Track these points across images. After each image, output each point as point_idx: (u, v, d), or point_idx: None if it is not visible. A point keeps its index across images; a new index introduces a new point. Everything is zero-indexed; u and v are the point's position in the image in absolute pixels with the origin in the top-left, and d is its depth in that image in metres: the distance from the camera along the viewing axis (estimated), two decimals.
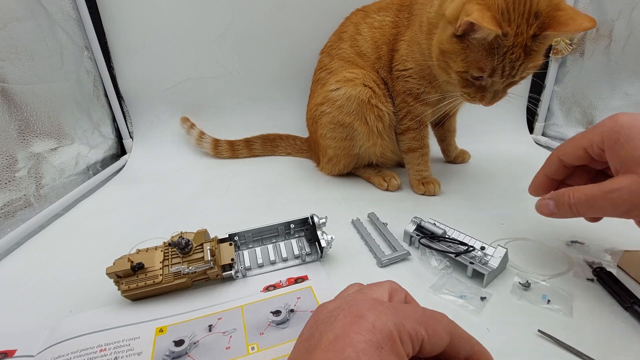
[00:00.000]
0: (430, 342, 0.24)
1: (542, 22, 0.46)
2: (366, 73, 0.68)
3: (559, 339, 0.36)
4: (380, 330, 0.22)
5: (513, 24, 0.46)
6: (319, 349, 0.22)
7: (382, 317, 0.23)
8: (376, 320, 0.23)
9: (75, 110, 0.80)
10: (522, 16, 0.46)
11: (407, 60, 0.64)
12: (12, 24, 0.64)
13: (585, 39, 0.86)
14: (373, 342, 0.22)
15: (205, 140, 0.92)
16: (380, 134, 0.69)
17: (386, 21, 0.67)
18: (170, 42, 0.89)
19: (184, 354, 0.35)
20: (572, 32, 0.45)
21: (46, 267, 0.53)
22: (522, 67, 0.50)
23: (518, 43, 0.47)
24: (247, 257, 0.49)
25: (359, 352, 0.21)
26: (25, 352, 0.37)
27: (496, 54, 0.48)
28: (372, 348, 0.21)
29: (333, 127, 0.71)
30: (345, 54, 0.72)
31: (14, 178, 0.62)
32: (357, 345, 0.21)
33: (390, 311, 0.24)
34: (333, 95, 0.68)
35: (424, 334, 0.24)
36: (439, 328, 0.25)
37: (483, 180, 0.76)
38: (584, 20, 0.45)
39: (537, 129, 1.00)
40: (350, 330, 0.22)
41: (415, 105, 0.66)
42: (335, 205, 0.67)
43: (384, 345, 0.22)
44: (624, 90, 0.78)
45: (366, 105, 0.66)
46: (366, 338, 0.22)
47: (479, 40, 0.48)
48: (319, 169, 0.83)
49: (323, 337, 0.23)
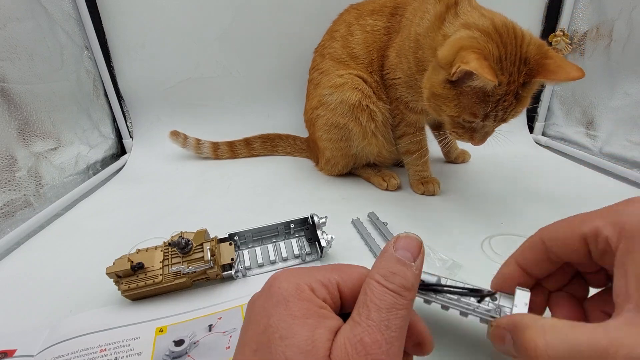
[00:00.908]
0: (346, 284, 0.25)
1: (531, 69, 0.47)
2: (355, 76, 0.67)
3: None
4: (285, 288, 0.23)
5: (506, 73, 0.47)
6: (245, 332, 0.24)
7: (288, 277, 0.24)
8: (282, 282, 0.24)
9: (75, 110, 0.80)
10: (513, 64, 0.47)
11: (396, 70, 0.64)
12: (12, 24, 0.64)
13: (585, 39, 0.86)
14: (279, 301, 0.23)
15: (204, 146, 0.92)
16: (374, 134, 0.69)
17: (378, 26, 0.67)
18: (170, 42, 0.89)
19: (184, 353, 0.35)
20: (560, 80, 0.46)
21: (46, 267, 0.53)
22: (513, 112, 0.51)
23: (511, 91, 0.48)
24: (247, 256, 0.49)
25: (270, 317, 0.22)
26: (25, 352, 0.37)
27: (490, 101, 0.48)
28: (279, 306, 0.23)
29: (328, 128, 0.71)
30: (337, 54, 0.71)
31: (13, 178, 0.62)
32: (268, 311, 0.23)
33: (298, 271, 0.25)
34: (327, 100, 0.70)
35: (337, 277, 0.25)
36: (353, 271, 0.26)
37: (483, 180, 0.76)
38: (571, 69, 0.46)
39: (537, 128, 1.00)
40: (263, 303, 0.24)
41: (407, 113, 0.66)
42: (335, 205, 0.67)
43: (290, 298, 0.23)
44: (624, 90, 0.78)
45: (357, 108, 0.66)
46: (273, 301, 0.23)
47: (472, 88, 0.48)
48: (318, 169, 0.83)
49: (246, 320, 0.25)
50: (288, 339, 0.21)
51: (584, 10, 0.86)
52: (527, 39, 0.48)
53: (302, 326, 0.22)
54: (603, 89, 0.83)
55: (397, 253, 0.25)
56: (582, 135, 0.88)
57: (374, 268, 0.25)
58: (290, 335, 0.21)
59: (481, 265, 0.48)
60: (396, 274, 0.24)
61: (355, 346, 0.21)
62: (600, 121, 0.84)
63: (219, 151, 0.92)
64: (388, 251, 0.25)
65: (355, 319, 0.22)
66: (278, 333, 0.21)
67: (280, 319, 0.22)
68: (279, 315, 0.22)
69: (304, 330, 0.21)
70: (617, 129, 0.80)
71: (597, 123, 0.85)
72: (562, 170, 0.81)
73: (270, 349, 0.21)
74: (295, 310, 0.22)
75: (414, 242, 0.26)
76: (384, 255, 0.25)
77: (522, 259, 0.30)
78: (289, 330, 0.21)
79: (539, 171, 0.80)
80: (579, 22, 0.88)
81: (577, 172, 0.80)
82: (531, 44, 0.47)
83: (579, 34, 0.88)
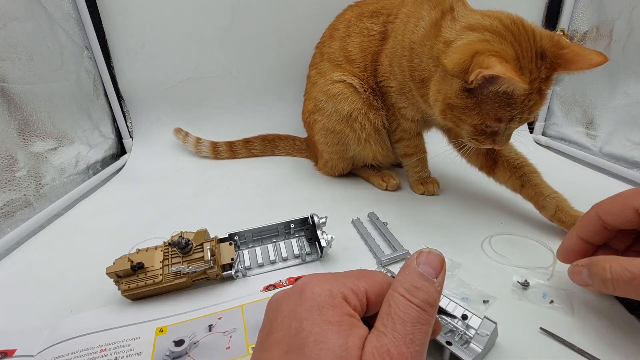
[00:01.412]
0: (372, 292, 0.26)
1: (550, 63, 0.45)
2: (347, 84, 0.66)
3: (560, 337, 0.36)
4: (318, 294, 0.24)
5: (526, 72, 0.44)
6: (272, 334, 0.24)
7: (321, 283, 0.25)
8: (315, 287, 0.24)
9: (75, 110, 0.80)
10: (531, 61, 0.44)
11: (390, 78, 0.62)
12: (12, 24, 0.64)
13: (585, 39, 0.86)
14: (313, 306, 0.23)
15: (204, 145, 0.92)
16: (367, 140, 0.68)
17: (374, 31, 0.65)
18: (170, 42, 0.89)
19: (184, 354, 0.35)
20: (583, 69, 0.43)
21: (46, 267, 0.53)
22: (537, 109, 0.48)
23: (534, 89, 0.45)
24: (247, 256, 0.49)
25: (302, 321, 0.23)
26: (25, 351, 0.37)
27: (516, 103, 0.45)
28: (312, 312, 0.23)
29: (325, 133, 0.72)
30: (334, 55, 0.71)
31: (14, 178, 0.62)
32: (300, 315, 0.23)
33: (328, 277, 0.26)
34: (322, 106, 0.70)
35: (364, 285, 0.26)
36: (377, 278, 0.27)
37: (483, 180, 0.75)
38: (593, 55, 0.43)
39: (537, 128, 1.00)
40: (294, 307, 0.24)
41: (402, 120, 0.66)
42: (335, 205, 0.67)
43: (324, 304, 0.23)
44: (624, 89, 0.78)
45: (350, 118, 0.67)
46: (307, 306, 0.23)
47: (496, 93, 0.45)
48: (317, 168, 0.83)
49: (273, 322, 0.25)
50: (322, 343, 0.22)
51: (584, 10, 0.86)
52: (538, 33, 0.45)
53: (336, 333, 0.22)
54: (603, 89, 0.83)
55: (420, 268, 0.25)
56: (582, 135, 0.88)
57: (397, 281, 0.25)
58: (325, 340, 0.22)
59: (481, 265, 0.48)
60: (420, 289, 0.24)
61: (382, 356, 0.21)
62: (600, 121, 0.84)
63: (218, 151, 0.92)
64: (411, 265, 0.26)
65: (380, 329, 0.23)
66: (312, 337, 0.22)
67: (314, 323, 0.22)
68: (313, 320, 0.23)
69: (338, 337, 0.22)
70: (617, 128, 0.80)
71: (597, 123, 0.85)
72: (562, 170, 0.81)
73: (304, 352, 0.21)
74: (329, 316, 0.23)
75: (437, 258, 0.26)
76: (406, 269, 0.26)
77: (582, 232, 0.37)
78: (323, 335, 0.22)
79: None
80: (579, 22, 0.87)
81: (577, 172, 0.80)
82: (543, 37, 0.45)
83: (579, 34, 0.88)
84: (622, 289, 0.31)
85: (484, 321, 0.33)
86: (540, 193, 0.56)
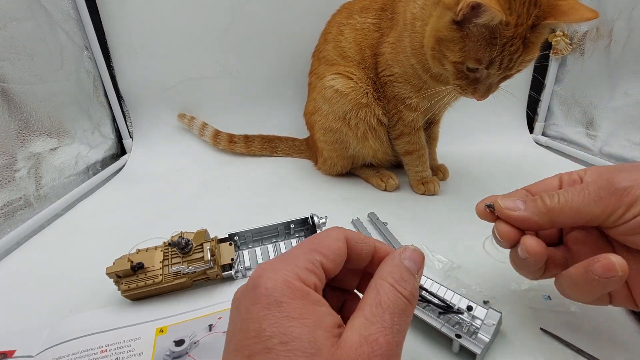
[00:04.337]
0: (329, 260, 0.25)
1: (542, 11, 0.45)
2: (335, 89, 0.67)
3: (560, 337, 0.36)
4: (273, 288, 0.22)
5: (514, 14, 0.45)
6: (232, 338, 0.23)
7: (273, 274, 0.23)
8: (268, 282, 0.23)
9: (75, 110, 0.80)
10: (523, 5, 0.45)
11: (392, 65, 0.63)
12: (12, 24, 0.64)
13: (585, 39, 0.86)
14: (270, 303, 0.22)
15: (208, 130, 0.94)
16: (365, 137, 0.69)
17: (368, 23, 0.66)
18: (170, 42, 0.89)
19: (185, 353, 0.35)
20: (573, 21, 0.44)
21: (46, 267, 0.53)
22: (520, 60, 0.48)
23: (518, 34, 0.46)
24: (247, 257, 0.49)
25: (261, 322, 0.21)
26: (25, 352, 0.37)
27: (496, 44, 0.46)
28: (271, 309, 0.22)
29: (324, 132, 0.73)
30: (329, 56, 0.72)
31: (13, 178, 0.62)
32: (257, 314, 0.22)
33: (280, 263, 0.24)
34: (320, 107, 0.71)
35: (319, 257, 0.25)
36: (330, 242, 0.26)
37: (482, 180, 0.76)
38: (585, 10, 0.43)
39: (537, 128, 1.00)
40: (249, 305, 0.22)
41: (404, 112, 0.66)
42: (335, 205, 0.67)
43: (281, 298, 0.22)
44: (624, 89, 0.78)
45: (345, 118, 0.68)
46: (263, 304, 0.22)
47: (479, 28, 0.46)
48: (317, 168, 0.83)
49: (233, 325, 0.23)
50: (289, 343, 0.20)
51: None
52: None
53: (301, 328, 0.21)
54: (603, 89, 0.83)
55: (405, 262, 0.26)
56: (582, 135, 0.88)
57: (385, 272, 0.25)
58: (291, 340, 0.20)
59: (482, 265, 0.48)
60: (407, 282, 0.24)
61: (371, 345, 0.21)
62: (600, 121, 0.84)
63: (218, 139, 0.93)
64: (397, 258, 0.26)
65: (368, 318, 0.23)
66: (277, 339, 0.20)
67: (276, 322, 0.21)
68: (273, 319, 0.21)
69: (304, 332, 0.21)
70: (617, 129, 0.80)
71: (597, 123, 0.85)
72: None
73: (271, 356, 0.20)
74: (290, 311, 0.22)
75: (420, 256, 0.27)
76: (393, 261, 0.26)
77: (535, 187, 0.36)
78: (287, 335, 0.21)
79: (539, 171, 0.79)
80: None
81: None
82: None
83: (579, 34, 0.88)
84: (568, 207, 0.30)
85: (490, 311, 0.35)
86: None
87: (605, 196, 0.29)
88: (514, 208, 0.32)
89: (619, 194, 0.28)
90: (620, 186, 0.28)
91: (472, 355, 0.33)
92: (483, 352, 0.33)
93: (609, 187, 0.29)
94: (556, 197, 0.31)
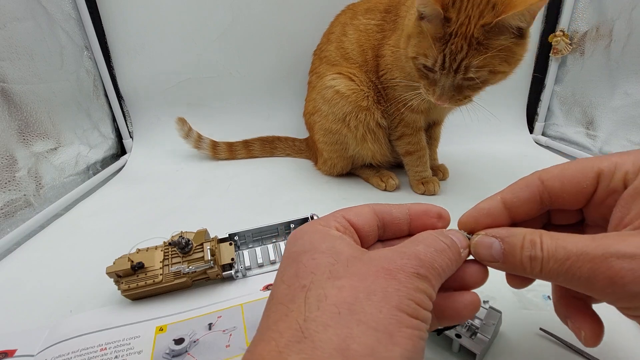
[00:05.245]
0: (352, 214, 0.27)
1: (497, 11, 0.45)
2: (335, 90, 0.67)
3: (560, 337, 0.36)
4: (300, 230, 0.26)
5: (462, 13, 0.46)
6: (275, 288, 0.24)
7: (302, 226, 0.27)
8: (298, 230, 0.26)
9: (75, 110, 0.80)
10: (476, 7, 0.45)
11: (393, 69, 0.63)
12: (12, 24, 0.64)
13: (585, 39, 0.86)
14: (298, 237, 0.25)
15: (204, 142, 0.92)
16: (364, 139, 0.69)
17: (371, 24, 0.66)
18: (170, 42, 0.89)
19: (184, 352, 0.35)
20: (520, 12, 0.43)
21: (46, 267, 0.53)
22: (465, 63, 0.48)
23: (460, 33, 0.46)
24: (247, 256, 0.49)
25: (290, 248, 0.25)
26: (26, 351, 0.37)
27: (441, 40, 0.48)
28: (298, 240, 0.25)
29: (324, 132, 0.73)
30: (332, 57, 0.72)
31: (14, 178, 0.62)
32: (289, 248, 0.25)
33: (305, 226, 0.27)
34: (320, 107, 0.71)
35: (341, 213, 0.27)
36: (353, 207, 0.28)
37: (482, 180, 0.76)
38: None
39: (537, 128, 1.00)
40: (286, 249, 0.26)
41: (406, 113, 0.66)
42: (335, 205, 0.66)
43: (306, 232, 0.25)
44: (624, 89, 0.78)
45: (344, 120, 0.68)
46: (293, 240, 0.25)
47: (428, 23, 0.48)
48: (317, 168, 0.83)
49: (298, 249, 0.25)
50: (310, 251, 0.23)
51: (584, 10, 0.86)
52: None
53: (322, 242, 0.24)
54: (603, 89, 0.83)
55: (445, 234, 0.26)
56: (582, 135, 0.89)
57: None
58: (312, 248, 0.23)
59: None
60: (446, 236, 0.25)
61: (404, 254, 0.22)
62: (600, 121, 0.84)
63: (217, 150, 0.92)
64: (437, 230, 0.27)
65: (401, 245, 0.23)
66: (301, 251, 0.24)
67: (300, 243, 0.24)
68: (298, 244, 0.24)
69: (324, 244, 0.23)
70: (617, 129, 0.80)
71: (597, 123, 0.85)
72: None
73: (297, 264, 0.23)
74: (312, 237, 0.24)
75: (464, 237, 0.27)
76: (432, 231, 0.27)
77: (511, 195, 0.27)
78: (309, 245, 0.24)
79: None
80: (579, 22, 0.88)
81: None
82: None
83: (579, 34, 0.88)
84: (552, 272, 0.22)
85: (490, 311, 0.35)
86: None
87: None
88: (490, 259, 0.25)
89: None
90: None
91: (472, 355, 0.33)
92: (483, 351, 0.33)
93: None
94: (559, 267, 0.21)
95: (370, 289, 0.20)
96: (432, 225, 0.29)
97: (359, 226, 0.27)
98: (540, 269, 0.22)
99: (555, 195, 0.26)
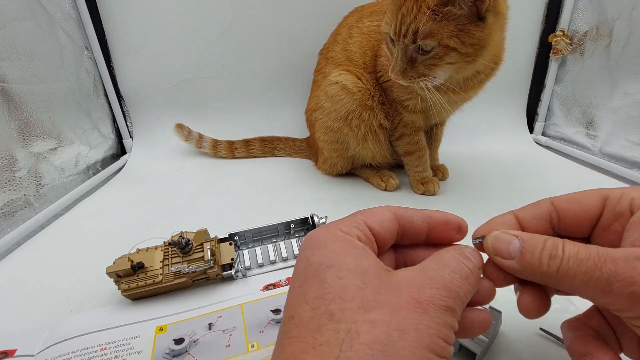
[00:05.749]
0: (372, 220, 0.26)
1: None
2: (342, 85, 0.67)
3: (560, 337, 0.36)
4: (318, 236, 0.25)
5: None
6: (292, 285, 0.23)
7: (320, 231, 0.26)
8: (314, 233, 0.25)
9: (75, 110, 0.80)
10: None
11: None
12: (12, 24, 0.64)
13: (585, 39, 0.86)
14: (317, 245, 0.24)
15: (205, 140, 0.92)
16: (365, 139, 0.69)
17: (374, 26, 0.67)
18: (170, 42, 0.89)
19: (184, 352, 0.35)
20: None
21: (46, 267, 0.53)
22: (413, 27, 0.49)
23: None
24: (247, 256, 0.49)
25: (309, 258, 0.23)
26: (26, 351, 0.37)
27: (395, 7, 0.50)
28: (319, 249, 0.24)
29: (325, 131, 0.72)
30: (337, 58, 0.72)
31: (14, 178, 0.62)
32: (307, 256, 0.24)
33: (325, 226, 0.26)
34: (323, 104, 0.71)
35: (361, 218, 0.26)
36: (374, 210, 0.28)
37: (482, 180, 0.76)
38: None
39: (537, 128, 1.00)
40: (302, 253, 0.25)
41: (404, 113, 0.66)
42: (335, 205, 0.67)
43: (326, 240, 0.24)
44: (624, 90, 0.78)
45: (346, 119, 0.68)
46: (312, 247, 0.24)
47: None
48: (317, 167, 0.83)
49: (293, 273, 0.24)
50: (334, 267, 0.22)
51: (584, 10, 0.86)
52: None
53: (346, 257, 0.22)
54: (603, 89, 0.83)
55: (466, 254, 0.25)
56: (582, 135, 0.89)
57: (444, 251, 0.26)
58: (337, 264, 0.22)
59: None
60: (469, 259, 0.25)
61: (430, 280, 0.22)
62: (600, 121, 0.84)
63: (218, 148, 0.92)
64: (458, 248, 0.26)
65: (425, 265, 0.23)
66: (323, 265, 0.22)
67: (321, 255, 0.23)
68: (319, 253, 0.23)
69: (349, 260, 0.22)
70: (617, 129, 0.80)
71: (597, 123, 0.85)
72: (562, 170, 0.81)
73: (320, 278, 0.21)
74: (334, 248, 0.23)
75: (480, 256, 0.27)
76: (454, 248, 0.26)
77: (522, 213, 0.29)
78: (333, 260, 0.22)
79: (539, 171, 0.80)
80: (579, 22, 0.88)
81: (577, 172, 0.80)
82: None
83: (579, 34, 0.88)
84: (569, 271, 0.22)
85: (490, 311, 0.35)
86: None
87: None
88: (505, 255, 0.25)
89: None
90: None
91: (472, 354, 0.33)
92: (483, 351, 0.33)
93: None
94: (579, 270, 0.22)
95: (402, 326, 0.20)
96: (451, 237, 0.29)
97: (380, 235, 0.26)
98: (557, 267, 0.22)
99: (563, 216, 0.28)
